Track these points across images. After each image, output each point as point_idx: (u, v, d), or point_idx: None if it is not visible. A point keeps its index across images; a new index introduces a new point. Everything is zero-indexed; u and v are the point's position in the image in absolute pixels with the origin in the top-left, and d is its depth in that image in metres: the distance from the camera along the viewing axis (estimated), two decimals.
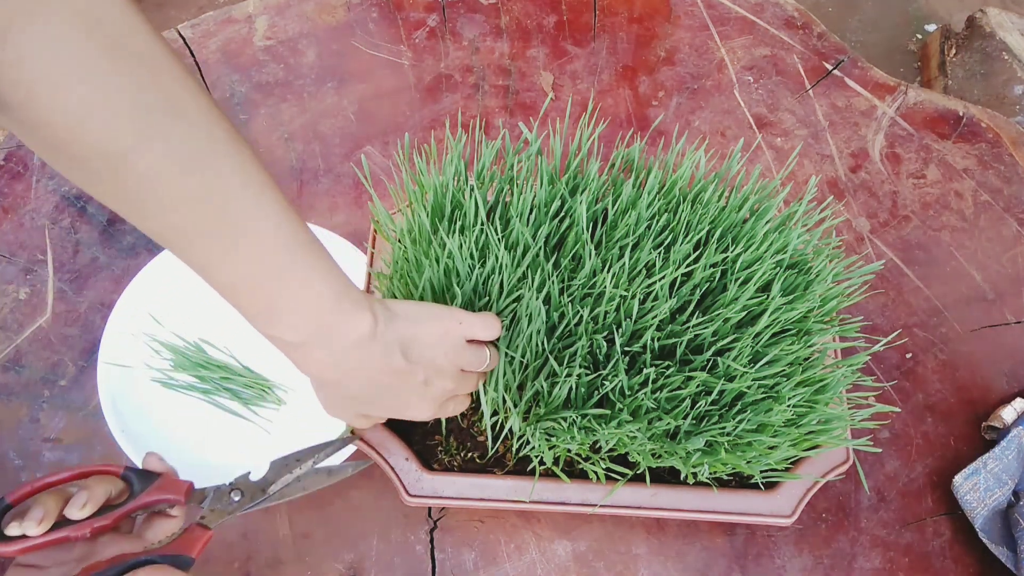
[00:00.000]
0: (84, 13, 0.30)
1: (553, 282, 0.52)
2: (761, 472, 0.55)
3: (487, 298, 0.53)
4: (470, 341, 0.50)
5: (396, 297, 0.56)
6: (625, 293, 0.52)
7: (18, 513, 0.43)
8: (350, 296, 0.42)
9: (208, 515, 0.48)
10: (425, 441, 0.61)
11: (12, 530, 0.42)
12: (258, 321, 0.41)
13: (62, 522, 0.43)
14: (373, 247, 0.64)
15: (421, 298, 0.54)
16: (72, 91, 0.30)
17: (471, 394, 0.54)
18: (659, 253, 0.55)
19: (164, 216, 0.35)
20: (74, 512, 0.43)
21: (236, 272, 0.38)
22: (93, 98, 0.30)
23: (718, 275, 0.55)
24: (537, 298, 0.51)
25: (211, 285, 0.39)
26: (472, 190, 0.56)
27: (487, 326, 0.50)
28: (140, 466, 0.48)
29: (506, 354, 0.53)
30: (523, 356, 0.52)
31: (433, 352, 0.47)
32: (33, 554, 0.43)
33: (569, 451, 0.55)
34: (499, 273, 0.52)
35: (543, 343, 0.52)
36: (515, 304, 0.52)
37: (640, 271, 0.54)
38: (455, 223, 0.56)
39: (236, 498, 0.50)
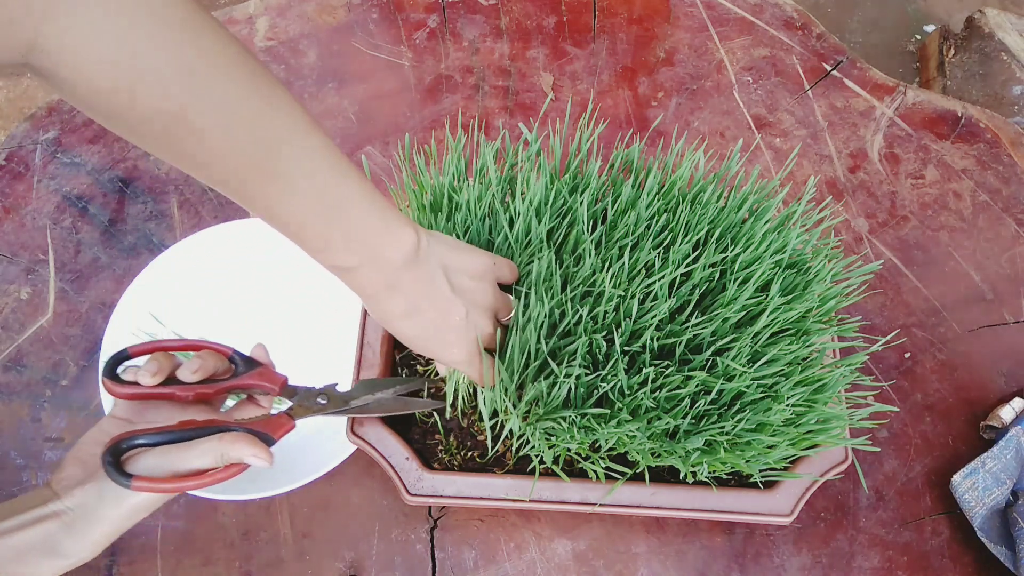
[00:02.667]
0: None
1: (556, 275, 0.52)
2: (760, 471, 0.55)
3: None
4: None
5: None
6: (624, 293, 0.52)
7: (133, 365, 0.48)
8: (395, 216, 0.45)
9: (295, 409, 0.52)
10: (425, 440, 0.61)
11: (127, 375, 0.47)
12: (319, 254, 0.44)
13: (170, 381, 0.48)
14: None
15: None
16: (119, 61, 0.31)
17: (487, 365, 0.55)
18: (658, 253, 0.55)
19: (224, 167, 0.37)
20: (186, 374, 0.48)
21: (296, 211, 0.41)
22: (142, 65, 0.32)
23: (717, 275, 0.56)
24: (542, 285, 0.51)
25: (274, 226, 0.42)
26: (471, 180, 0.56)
27: (512, 270, 0.54)
28: (247, 353, 0.52)
29: (505, 354, 0.53)
30: (523, 354, 0.53)
31: (473, 285, 0.50)
32: (129, 407, 0.48)
33: (569, 450, 0.55)
34: (519, 226, 0.53)
35: (543, 340, 0.52)
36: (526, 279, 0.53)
37: (639, 271, 0.54)
38: (453, 218, 0.56)
39: (322, 402, 0.53)
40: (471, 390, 0.60)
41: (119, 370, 0.48)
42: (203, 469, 0.44)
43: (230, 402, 0.54)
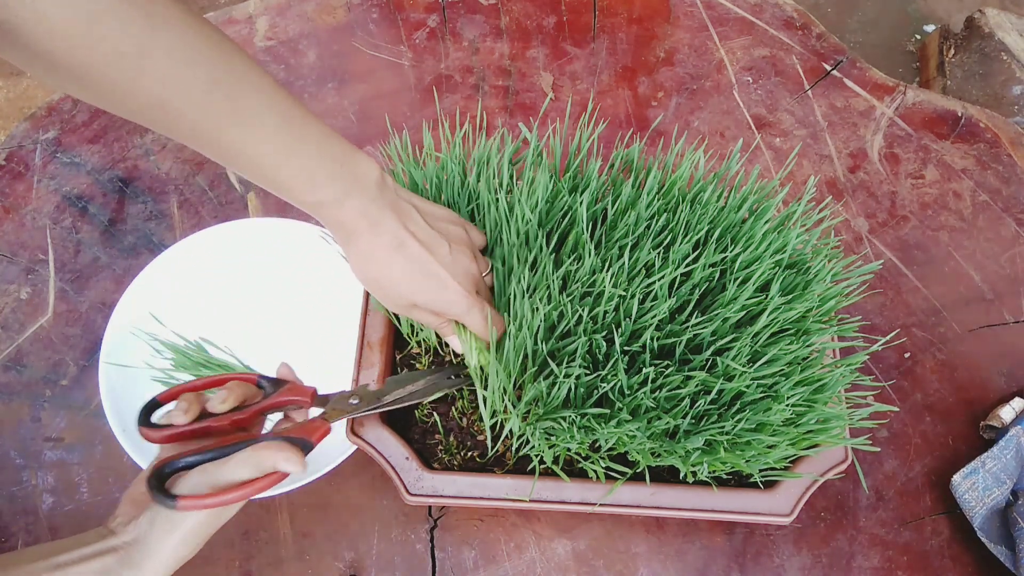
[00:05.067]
0: None
1: (553, 279, 0.52)
2: (760, 471, 0.55)
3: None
4: None
5: None
6: (624, 293, 0.52)
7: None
8: (356, 149, 0.48)
9: (330, 412, 0.52)
10: (425, 440, 0.61)
11: (161, 420, 0.48)
12: (298, 192, 0.46)
13: (203, 416, 0.49)
14: None
15: None
16: (79, 7, 0.33)
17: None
18: (658, 253, 0.55)
19: (192, 111, 0.39)
20: (215, 405, 0.49)
21: (270, 149, 0.43)
22: (100, 5, 0.33)
23: (717, 275, 0.56)
24: (539, 292, 0.51)
25: (248, 174, 0.44)
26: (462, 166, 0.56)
27: (481, 233, 0.57)
28: (273, 375, 0.54)
29: (504, 353, 0.53)
30: (519, 356, 0.53)
31: (446, 226, 0.52)
32: (172, 449, 0.48)
33: (569, 450, 0.55)
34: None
35: (542, 342, 0.52)
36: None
37: (639, 271, 0.54)
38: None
39: (354, 402, 0.54)
40: (483, 377, 0.60)
41: (153, 418, 0.49)
42: (243, 480, 0.45)
43: (268, 425, 0.55)
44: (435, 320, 0.55)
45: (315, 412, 0.54)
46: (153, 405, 0.50)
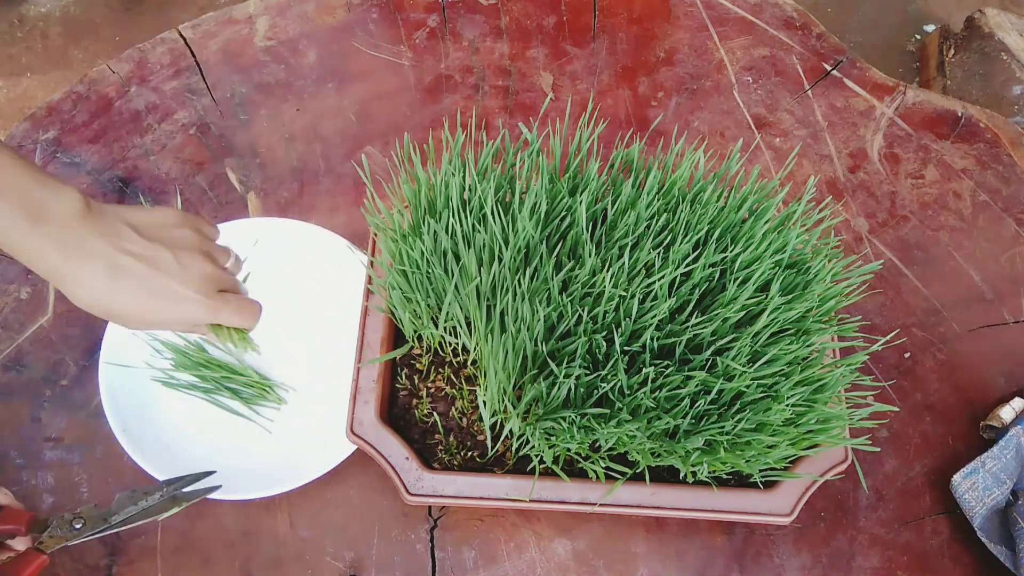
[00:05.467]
0: None
1: (552, 281, 0.52)
2: (760, 471, 0.55)
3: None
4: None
5: (396, 289, 0.57)
6: (624, 293, 0.52)
7: None
8: (53, 179, 0.45)
9: (46, 540, 0.50)
10: (425, 440, 0.61)
11: None
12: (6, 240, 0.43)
13: None
14: (372, 255, 0.64)
15: (428, 273, 0.55)
16: None
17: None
18: (658, 253, 0.55)
19: None
20: None
21: None
22: None
23: (717, 275, 0.56)
24: (531, 298, 0.51)
25: None
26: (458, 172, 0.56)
27: (209, 223, 0.54)
28: None
29: (503, 353, 0.53)
30: (518, 356, 0.53)
31: (169, 232, 0.49)
32: None
33: (569, 450, 0.55)
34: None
35: (541, 343, 0.52)
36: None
37: (639, 271, 0.54)
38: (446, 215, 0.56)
39: (78, 526, 0.51)
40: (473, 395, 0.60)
41: None
42: None
43: None
44: (184, 326, 0.53)
45: (32, 537, 0.51)
46: None
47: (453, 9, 0.95)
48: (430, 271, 0.56)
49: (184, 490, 0.57)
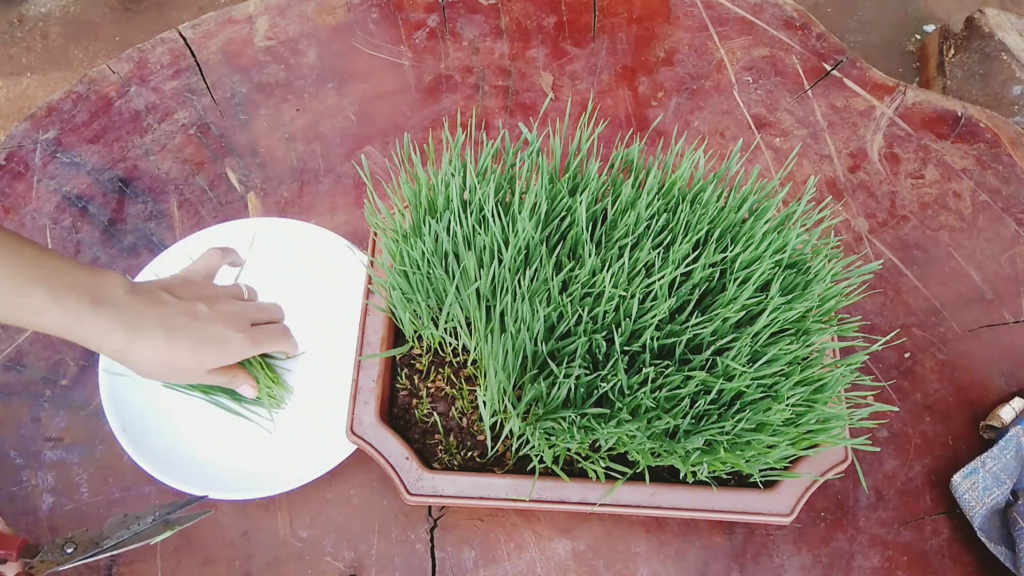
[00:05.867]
0: None
1: (553, 282, 0.52)
2: (760, 471, 0.55)
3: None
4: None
5: (396, 290, 0.57)
6: (624, 293, 0.52)
7: None
8: (93, 270, 0.50)
9: (37, 565, 0.50)
10: (425, 440, 0.61)
11: None
12: (47, 320, 0.48)
13: None
14: (372, 255, 0.64)
15: (428, 273, 0.56)
16: None
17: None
18: (658, 253, 0.55)
19: None
20: None
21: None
22: None
23: (717, 275, 0.56)
24: (532, 298, 0.51)
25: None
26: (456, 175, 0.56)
27: (217, 256, 0.62)
28: None
29: (503, 353, 0.53)
30: (518, 357, 0.53)
31: (196, 288, 0.57)
32: None
33: (569, 450, 0.55)
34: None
35: (541, 343, 0.52)
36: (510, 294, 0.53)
37: (639, 271, 0.54)
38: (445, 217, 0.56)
39: (69, 550, 0.51)
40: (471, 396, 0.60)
41: None
42: None
43: None
44: (225, 377, 0.60)
45: (22, 562, 0.51)
46: None
47: (453, 9, 0.95)
48: (431, 271, 0.56)
49: (176, 514, 0.57)
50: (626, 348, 0.53)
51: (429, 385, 0.62)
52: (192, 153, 0.84)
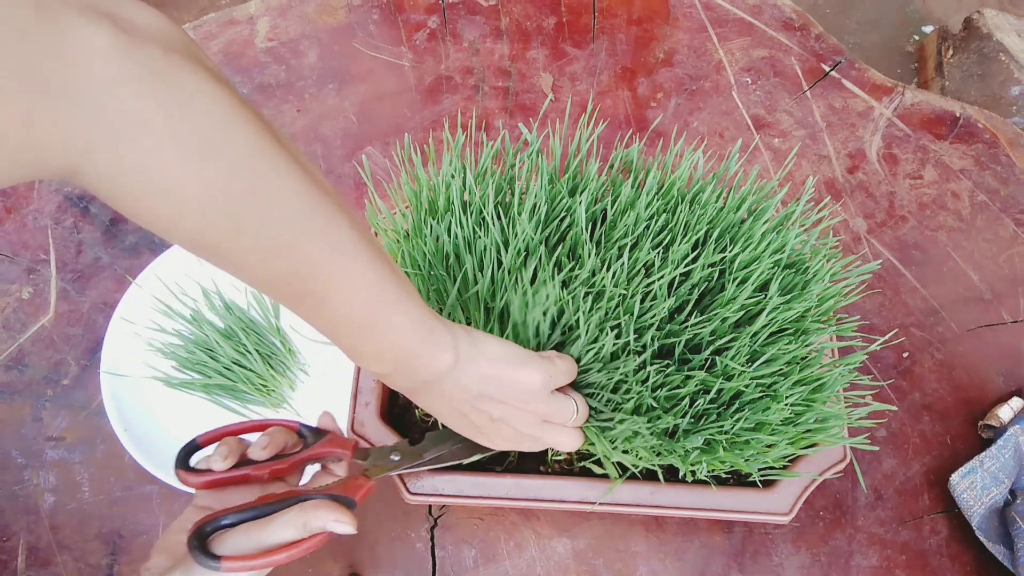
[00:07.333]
0: (174, 127, 0.30)
1: (555, 281, 0.52)
2: (759, 470, 0.55)
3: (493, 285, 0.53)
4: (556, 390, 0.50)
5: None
6: (624, 292, 0.53)
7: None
8: (434, 335, 0.44)
9: (371, 468, 0.51)
10: None
11: (200, 464, 0.47)
12: (350, 354, 0.45)
13: (243, 463, 0.47)
14: None
15: (429, 274, 0.55)
16: (159, 194, 0.31)
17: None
18: (658, 253, 0.55)
19: (263, 287, 0.39)
20: (256, 452, 0.48)
21: (328, 322, 0.42)
22: (183, 204, 0.32)
23: (716, 275, 0.56)
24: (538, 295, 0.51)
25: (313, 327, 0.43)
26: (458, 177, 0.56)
27: (570, 371, 0.50)
28: (314, 424, 0.52)
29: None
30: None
31: (513, 397, 0.48)
32: (210, 495, 0.48)
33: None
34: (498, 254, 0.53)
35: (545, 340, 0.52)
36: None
37: (639, 271, 0.54)
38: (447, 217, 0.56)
39: (395, 458, 0.53)
40: None
41: (191, 461, 0.48)
42: (289, 541, 0.44)
43: (306, 476, 0.53)
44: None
45: (353, 463, 0.52)
46: (192, 448, 0.49)
47: (453, 10, 0.96)
48: (432, 272, 0.56)
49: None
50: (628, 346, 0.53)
51: None
52: None
